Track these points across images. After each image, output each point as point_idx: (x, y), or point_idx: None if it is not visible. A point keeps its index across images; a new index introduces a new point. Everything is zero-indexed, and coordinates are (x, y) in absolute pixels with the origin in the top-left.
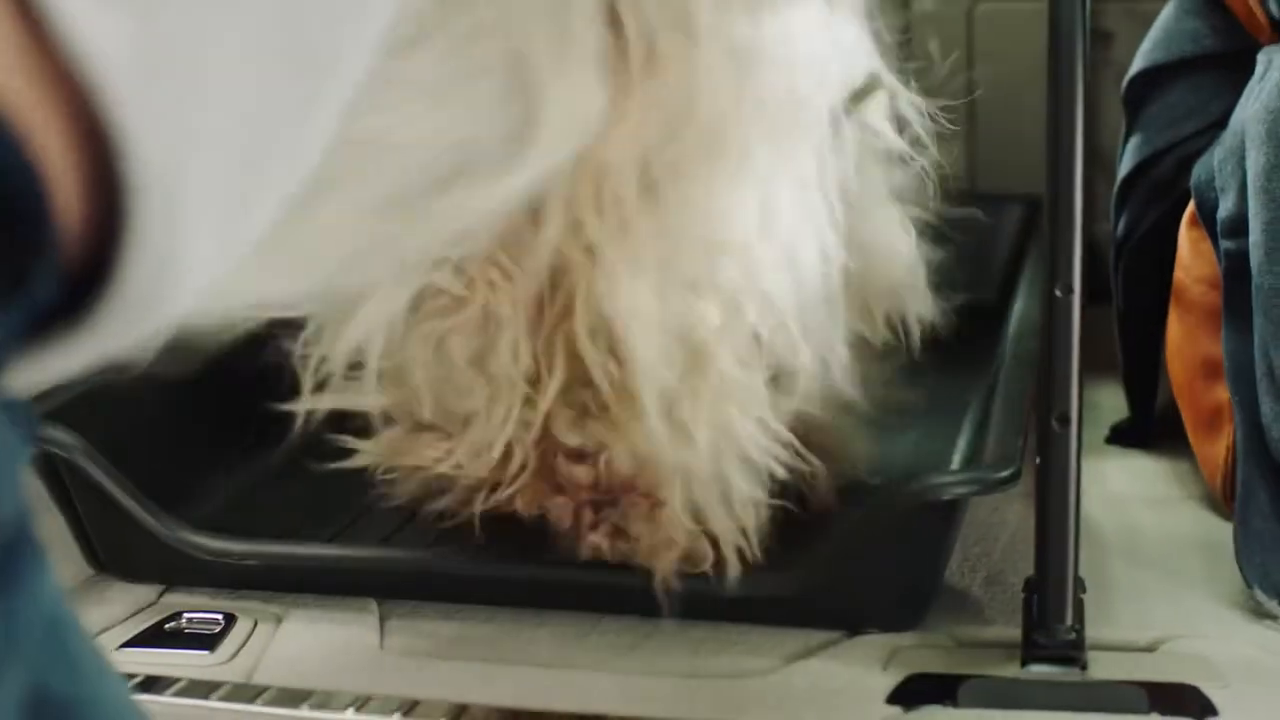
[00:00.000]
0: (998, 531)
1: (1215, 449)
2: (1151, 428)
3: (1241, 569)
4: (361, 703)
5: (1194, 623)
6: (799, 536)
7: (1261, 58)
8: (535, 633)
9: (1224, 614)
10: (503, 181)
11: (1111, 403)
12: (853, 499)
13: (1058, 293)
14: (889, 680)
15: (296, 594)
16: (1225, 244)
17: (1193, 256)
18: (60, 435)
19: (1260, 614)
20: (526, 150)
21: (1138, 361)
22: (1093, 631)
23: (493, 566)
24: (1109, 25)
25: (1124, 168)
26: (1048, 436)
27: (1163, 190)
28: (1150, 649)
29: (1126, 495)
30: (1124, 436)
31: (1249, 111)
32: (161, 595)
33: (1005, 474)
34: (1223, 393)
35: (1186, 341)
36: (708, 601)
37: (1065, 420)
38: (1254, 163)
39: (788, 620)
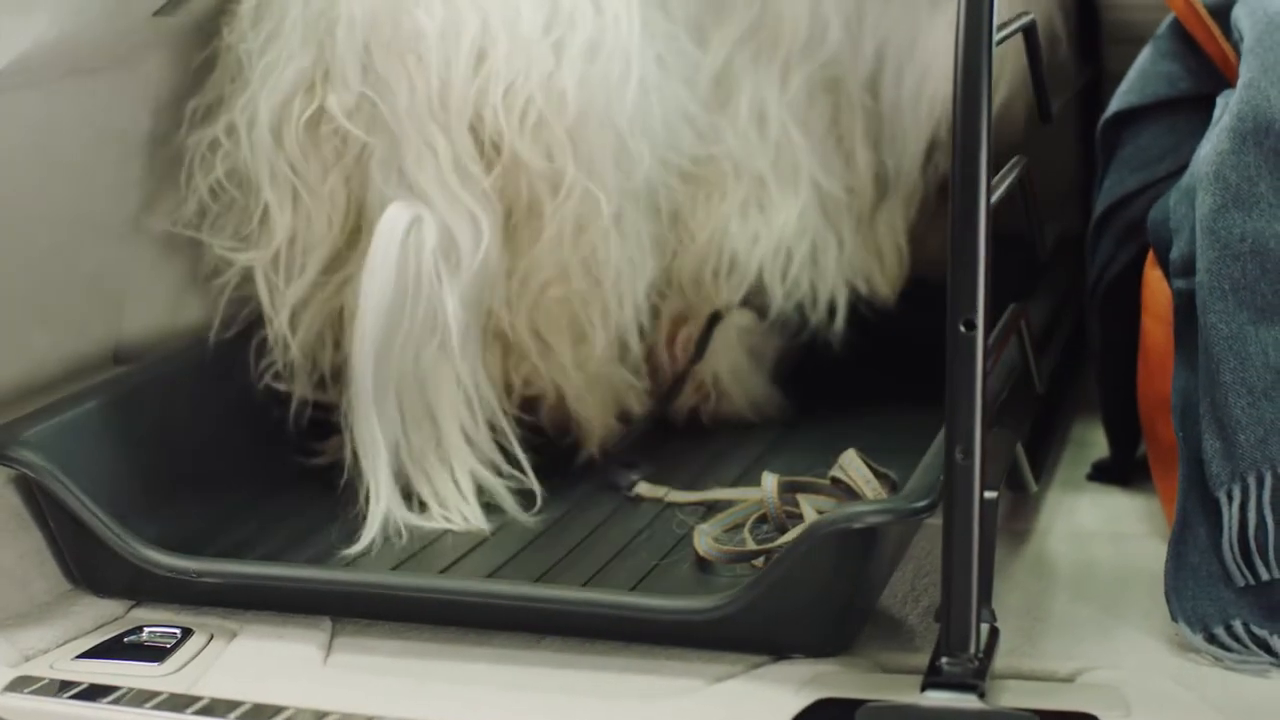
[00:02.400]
0: None
1: (1173, 486)
2: (1131, 465)
3: (1169, 602)
4: (291, 714)
5: (1119, 655)
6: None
7: (1220, 101)
8: (476, 651)
9: (1151, 647)
10: None
11: (1104, 440)
12: None
13: (961, 328)
14: (799, 703)
15: (257, 611)
16: (1177, 283)
17: (1154, 297)
18: (30, 457)
19: (1185, 647)
20: None
21: (1116, 400)
22: (1018, 661)
23: (437, 587)
24: (1122, 69)
25: (1096, 209)
26: (951, 469)
27: (1134, 232)
28: (1069, 679)
29: (1091, 531)
30: (1105, 474)
31: (1200, 154)
32: (130, 610)
33: (920, 504)
34: None
35: (1149, 380)
36: (644, 625)
37: (968, 453)
38: (1201, 204)
39: (719, 644)
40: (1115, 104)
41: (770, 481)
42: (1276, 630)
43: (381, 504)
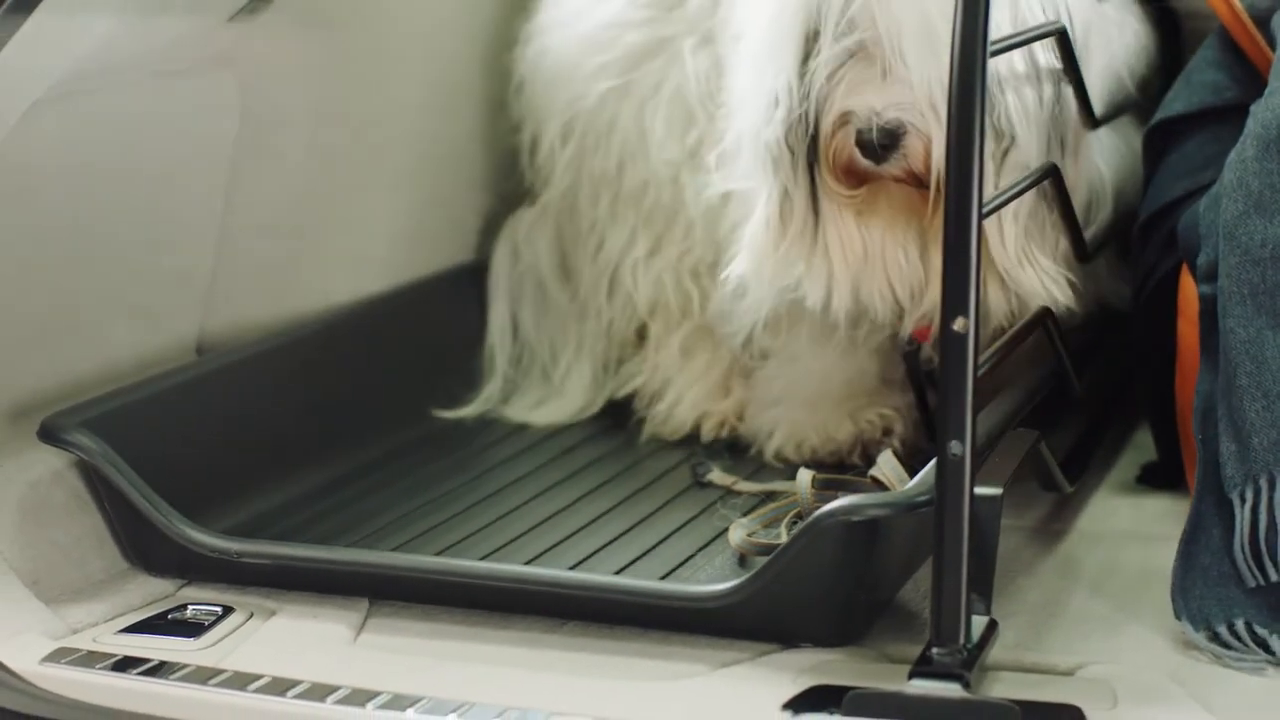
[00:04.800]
0: None
1: None
2: (1180, 469)
3: (1174, 601)
4: (306, 688)
5: (1122, 650)
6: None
7: (1253, 109)
8: (499, 633)
9: (1155, 644)
10: None
11: None
12: None
13: (954, 327)
14: (795, 688)
15: (299, 591)
16: (1203, 288)
17: (1188, 302)
18: (84, 440)
19: (1188, 645)
20: None
21: (1161, 404)
22: (1021, 654)
23: (462, 570)
24: None
25: (1141, 215)
26: (943, 463)
27: (1177, 239)
28: (1069, 673)
29: (1126, 532)
30: (1153, 477)
31: (1228, 161)
32: (180, 589)
33: (920, 499)
34: None
35: (1184, 384)
36: (658, 610)
37: (960, 449)
38: (1225, 210)
39: (729, 631)
40: (1161, 111)
41: (805, 477)
42: (1277, 630)
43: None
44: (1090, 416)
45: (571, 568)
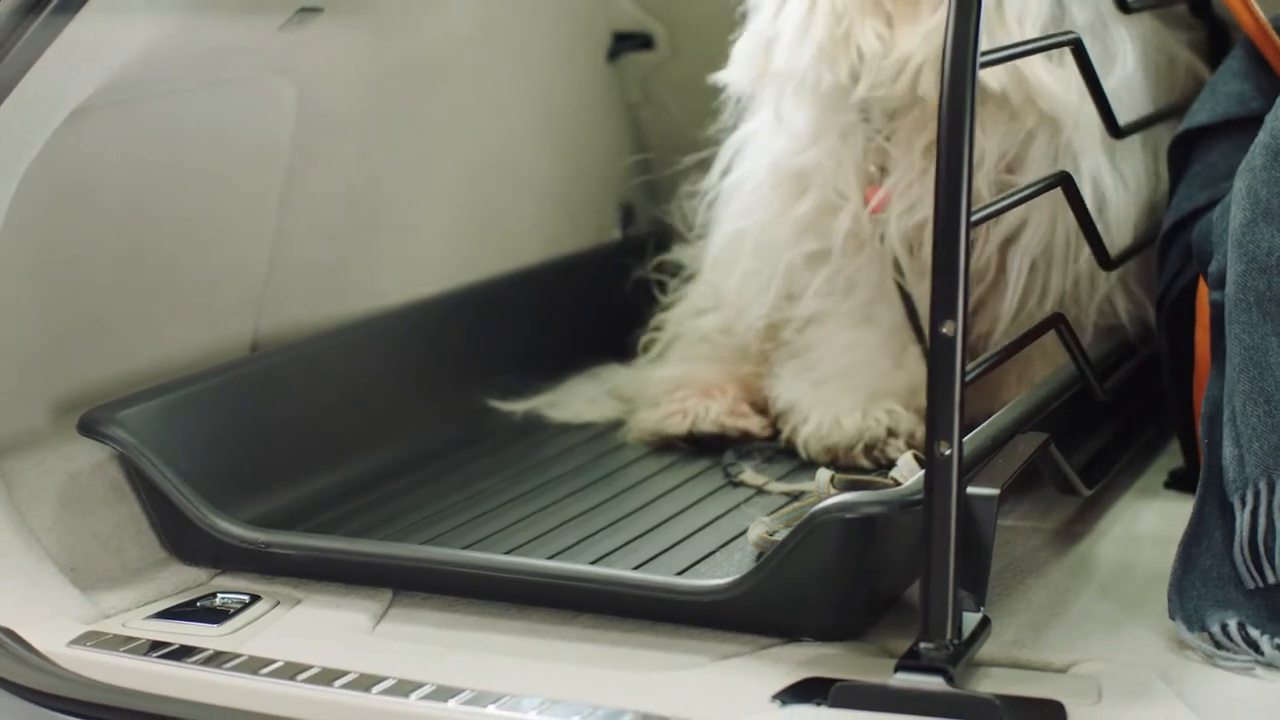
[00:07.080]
0: (996, 563)
1: None
2: None
3: (1170, 600)
4: (316, 672)
5: (1117, 649)
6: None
7: (1266, 118)
8: (515, 624)
9: (1150, 643)
10: None
11: None
12: None
13: (943, 330)
14: (789, 680)
15: (326, 582)
16: (1214, 295)
17: (1204, 309)
18: (120, 434)
19: (1182, 645)
20: None
21: (1186, 410)
22: (1018, 651)
23: (477, 562)
24: None
25: (1165, 224)
26: (932, 462)
27: None
28: (1061, 670)
29: (1143, 535)
30: (1180, 482)
31: (1238, 169)
32: (213, 578)
33: (915, 497)
34: None
35: (1199, 389)
36: (662, 604)
37: (948, 448)
38: (1234, 218)
39: (732, 625)
40: (1186, 122)
41: (824, 477)
42: (1270, 631)
43: None
44: (1117, 421)
45: (593, 562)
